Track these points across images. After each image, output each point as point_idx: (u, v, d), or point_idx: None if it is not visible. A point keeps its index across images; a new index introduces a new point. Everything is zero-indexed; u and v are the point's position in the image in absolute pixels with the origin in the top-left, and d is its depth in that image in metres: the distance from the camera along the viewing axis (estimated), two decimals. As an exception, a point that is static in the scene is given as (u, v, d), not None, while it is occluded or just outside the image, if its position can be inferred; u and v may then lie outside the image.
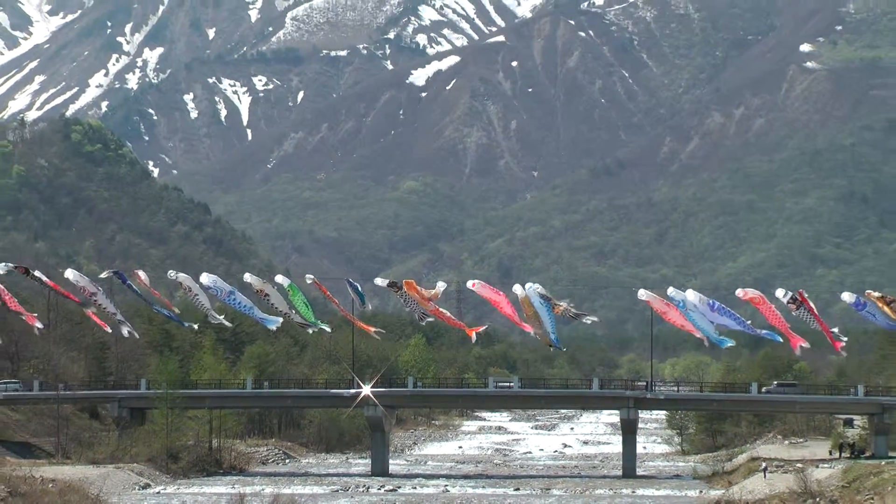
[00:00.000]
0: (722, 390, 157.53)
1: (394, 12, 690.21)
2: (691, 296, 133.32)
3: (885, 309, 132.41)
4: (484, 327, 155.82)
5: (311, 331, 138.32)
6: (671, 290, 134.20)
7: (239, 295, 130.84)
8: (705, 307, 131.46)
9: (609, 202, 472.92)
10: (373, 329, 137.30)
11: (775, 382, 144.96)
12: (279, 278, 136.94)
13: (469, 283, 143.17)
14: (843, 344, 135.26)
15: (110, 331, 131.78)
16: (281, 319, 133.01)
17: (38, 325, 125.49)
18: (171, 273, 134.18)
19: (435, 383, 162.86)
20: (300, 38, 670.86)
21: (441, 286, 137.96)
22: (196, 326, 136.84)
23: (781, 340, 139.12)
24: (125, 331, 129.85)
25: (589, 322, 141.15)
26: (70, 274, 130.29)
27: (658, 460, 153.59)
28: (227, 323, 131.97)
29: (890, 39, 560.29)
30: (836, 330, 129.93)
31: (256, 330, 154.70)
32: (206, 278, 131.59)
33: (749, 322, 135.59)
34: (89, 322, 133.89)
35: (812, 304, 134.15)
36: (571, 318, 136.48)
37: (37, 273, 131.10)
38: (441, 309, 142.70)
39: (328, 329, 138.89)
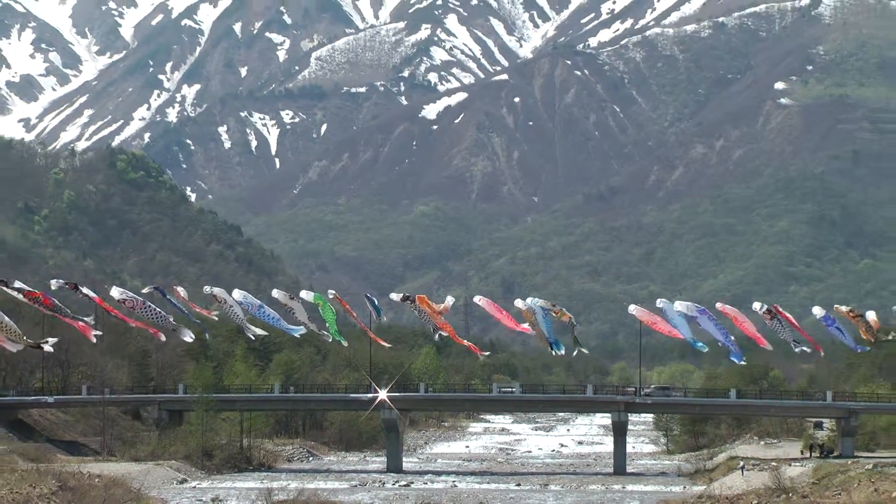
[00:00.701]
0: (703, 396, 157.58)
1: (408, 53, 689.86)
2: (679, 306, 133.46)
3: (853, 321, 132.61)
4: (486, 353, 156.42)
5: (329, 339, 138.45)
6: (660, 302, 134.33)
7: (267, 308, 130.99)
8: (693, 313, 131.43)
9: (602, 225, 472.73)
10: (382, 341, 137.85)
11: (653, 385, 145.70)
12: (304, 293, 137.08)
13: (476, 298, 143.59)
14: (821, 349, 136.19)
15: (164, 339, 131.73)
16: (303, 329, 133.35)
17: (96, 332, 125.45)
18: (207, 288, 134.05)
19: (444, 389, 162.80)
20: (323, 76, 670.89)
21: (450, 300, 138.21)
22: (204, 336, 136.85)
23: (744, 362, 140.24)
24: (187, 336, 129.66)
25: (587, 353, 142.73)
26: (114, 291, 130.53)
27: (646, 459, 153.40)
28: (262, 332, 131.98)
29: (855, 78, 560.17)
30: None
31: (283, 340, 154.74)
32: (238, 294, 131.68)
33: (732, 339, 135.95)
34: (132, 333, 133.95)
35: (790, 317, 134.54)
36: (559, 315, 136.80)
37: (84, 289, 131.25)
38: (449, 325, 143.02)
39: (345, 343, 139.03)
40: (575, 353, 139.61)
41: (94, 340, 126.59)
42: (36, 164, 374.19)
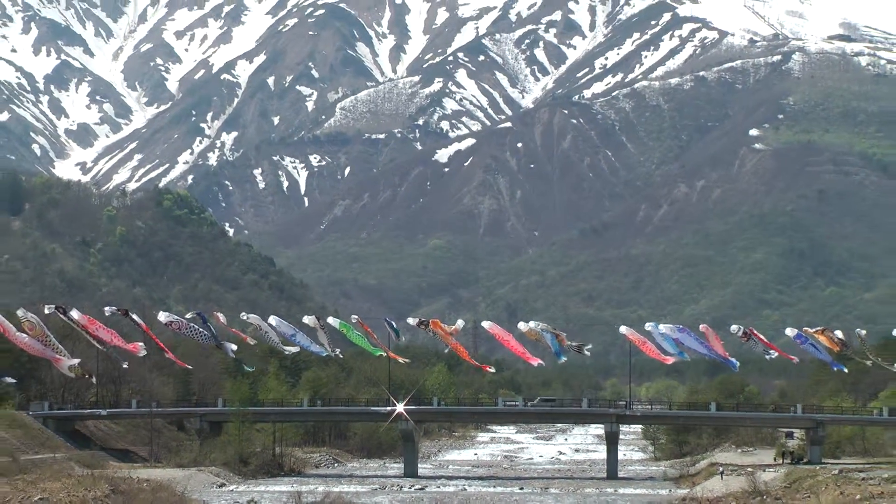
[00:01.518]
0: (686, 408, 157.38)
1: (422, 103, 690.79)
2: (664, 329, 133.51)
3: (822, 338, 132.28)
4: (492, 369, 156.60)
5: (377, 355, 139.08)
6: (648, 325, 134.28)
7: (299, 335, 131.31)
8: (677, 333, 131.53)
9: (595, 256, 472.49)
10: (401, 358, 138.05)
11: (539, 398, 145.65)
12: (331, 320, 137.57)
13: (484, 324, 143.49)
14: (797, 359, 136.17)
15: (190, 367, 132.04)
16: (337, 350, 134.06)
17: (143, 351, 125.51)
18: (244, 315, 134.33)
19: (455, 402, 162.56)
20: (347, 124, 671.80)
21: (460, 324, 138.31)
22: (252, 369, 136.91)
23: (737, 370, 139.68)
24: (229, 351, 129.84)
25: (587, 353, 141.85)
26: (161, 315, 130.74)
27: (635, 465, 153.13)
28: (295, 349, 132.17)
29: (821, 126, 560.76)
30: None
31: (311, 359, 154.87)
32: (273, 320, 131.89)
33: (713, 354, 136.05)
34: (176, 352, 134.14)
35: (763, 338, 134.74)
36: (575, 350, 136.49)
37: (133, 315, 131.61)
38: (460, 345, 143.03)
39: (382, 354, 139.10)
40: (588, 352, 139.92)
41: (143, 351, 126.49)
42: (91, 203, 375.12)
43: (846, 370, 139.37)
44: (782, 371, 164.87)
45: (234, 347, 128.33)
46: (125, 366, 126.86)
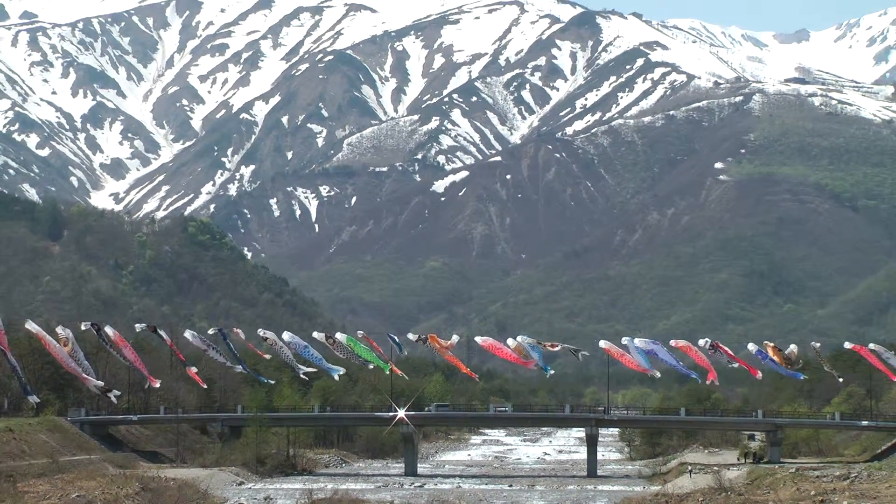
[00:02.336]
0: (659, 413, 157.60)
1: (421, 140, 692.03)
2: (639, 343, 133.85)
3: (777, 357, 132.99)
4: (477, 377, 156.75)
5: (371, 366, 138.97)
6: (625, 339, 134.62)
7: (311, 349, 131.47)
8: (651, 347, 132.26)
9: (577, 277, 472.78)
10: (399, 371, 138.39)
11: (435, 404, 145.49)
12: (339, 335, 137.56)
13: (477, 339, 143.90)
14: (760, 374, 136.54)
15: (205, 387, 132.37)
16: (343, 370, 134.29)
17: (158, 384, 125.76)
18: (261, 331, 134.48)
19: (451, 408, 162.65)
20: (353, 158, 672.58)
21: (455, 338, 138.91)
22: (272, 381, 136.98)
23: (700, 380, 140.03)
24: (238, 368, 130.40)
25: (581, 358, 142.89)
26: (188, 334, 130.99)
27: (613, 464, 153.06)
28: (311, 370, 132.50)
29: (779, 160, 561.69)
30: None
31: (321, 370, 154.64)
32: (286, 335, 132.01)
33: (681, 363, 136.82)
34: (200, 363, 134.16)
35: (728, 350, 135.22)
36: (572, 353, 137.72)
37: (161, 332, 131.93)
38: (456, 357, 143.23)
39: (389, 370, 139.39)
40: (581, 357, 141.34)
41: (157, 385, 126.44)
42: (123, 230, 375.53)
43: (802, 377, 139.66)
44: (745, 380, 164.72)
45: (242, 368, 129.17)
46: (157, 385, 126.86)
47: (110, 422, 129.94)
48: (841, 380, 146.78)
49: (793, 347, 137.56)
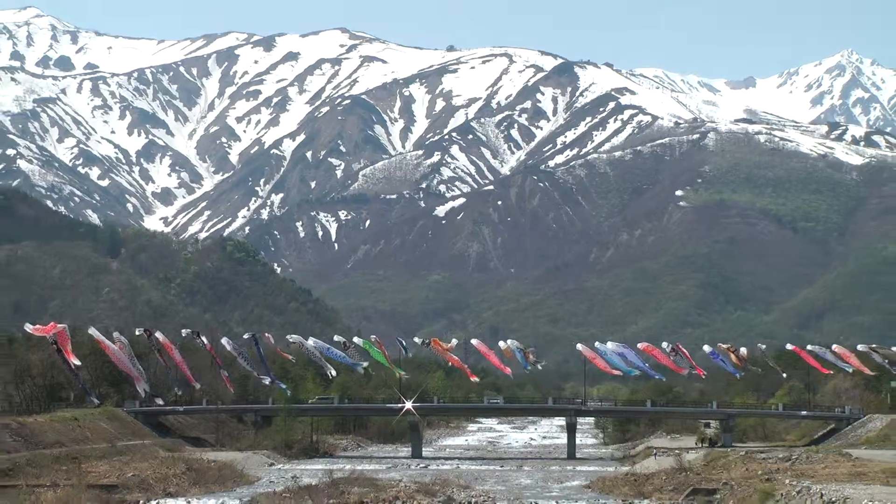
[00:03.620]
0: (628, 405, 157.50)
1: (425, 171, 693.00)
2: (611, 346, 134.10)
3: (732, 357, 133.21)
4: (476, 378, 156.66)
5: (398, 374, 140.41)
6: (598, 344, 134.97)
7: (334, 349, 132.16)
8: (621, 350, 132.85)
9: (558, 288, 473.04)
10: (402, 373, 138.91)
11: (318, 397, 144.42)
12: (356, 339, 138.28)
13: (473, 341, 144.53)
14: (705, 372, 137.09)
15: (232, 391, 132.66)
16: (366, 363, 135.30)
17: (196, 385, 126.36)
18: (289, 336, 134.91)
19: (450, 401, 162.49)
20: (367, 187, 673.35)
21: (454, 341, 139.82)
22: (286, 387, 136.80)
23: (665, 379, 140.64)
24: (266, 380, 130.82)
25: (540, 367, 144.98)
26: (224, 341, 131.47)
27: (589, 448, 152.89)
28: (334, 371, 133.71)
29: (730, 188, 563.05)
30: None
31: (339, 367, 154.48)
32: (311, 341, 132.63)
33: (647, 364, 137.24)
34: (235, 365, 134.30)
35: (686, 352, 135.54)
36: (535, 361, 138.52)
37: (202, 337, 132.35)
38: (455, 357, 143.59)
39: (400, 373, 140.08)
40: (541, 367, 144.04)
41: (198, 386, 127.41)
42: (171, 248, 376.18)
43: (738, 376, 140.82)
44: (697, 376, 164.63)
45: (270, 379, 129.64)
46: (197, 386, 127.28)
47: (160, 412, 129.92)
48: (784, 375, 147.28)
49: (743, 350, 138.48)
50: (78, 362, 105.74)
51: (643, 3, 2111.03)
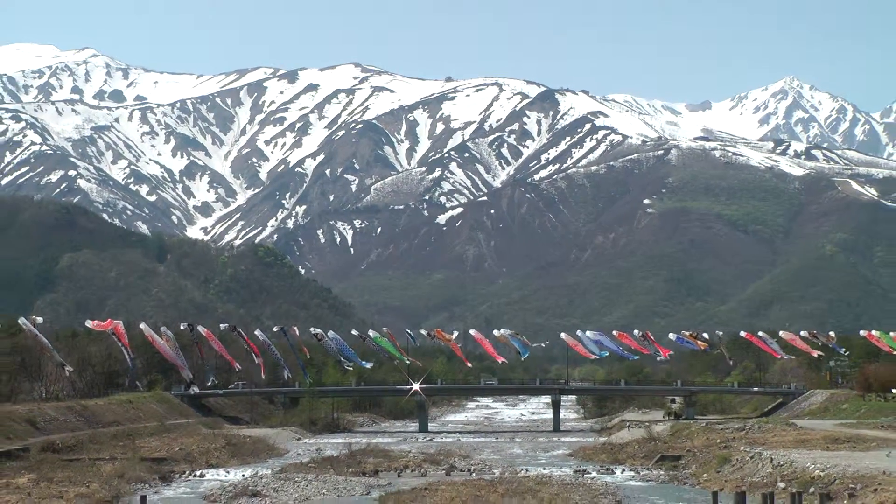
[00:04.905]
0: (605, 384, 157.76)
1: (428, 185, 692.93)
2: (589, 334, 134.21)
3: (696, 341, 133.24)
4: (470, 364, 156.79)
5: (396, 362, 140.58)
6: (579, 332, 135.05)
7: (346, 347, 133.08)
8: (598, 337, 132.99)
9: (543, 284, 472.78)
10: (405, 360, 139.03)
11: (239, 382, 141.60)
12: (371, 332, 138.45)
13: (471, 331, 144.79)
14: (671, 353, 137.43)
15: (263, 376, 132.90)
16: (372, 363, 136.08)
17: (238, 367, 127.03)
18: (312, 329, 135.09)
19: (452, 382, 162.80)
20: (379, 199, 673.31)
21: (455, 333, 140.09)
22: (303, 385, 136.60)
23: (637, 358, 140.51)
24: (286, 375, 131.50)
25: (543, 346, 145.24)
26: (257, 332, 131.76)
27: (572, 422, 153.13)
28: (347, 363, 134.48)
29: (691, 197, 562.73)
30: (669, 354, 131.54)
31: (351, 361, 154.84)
32: (331, 333, 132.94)
33: (622, 349, 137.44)
34: (266, 354, 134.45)
35: (653, 338, 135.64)
36: (526, 343, 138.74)
37: (238, 329, 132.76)
38: (456, 345, 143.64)
39: (407, 361, 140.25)
40: (543, 345, 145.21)
41: (238, 368, 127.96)
42: (210, 254, 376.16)
43: (708, 351, 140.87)
44: (662, 359, 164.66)
45: (287, 374, 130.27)
46: (237, 367, 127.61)
47: (203, 395, 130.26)
48: (731, 362, 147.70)
49: (704, 336, 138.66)
50: (131, 355, 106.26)
51: (615, 36, 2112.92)
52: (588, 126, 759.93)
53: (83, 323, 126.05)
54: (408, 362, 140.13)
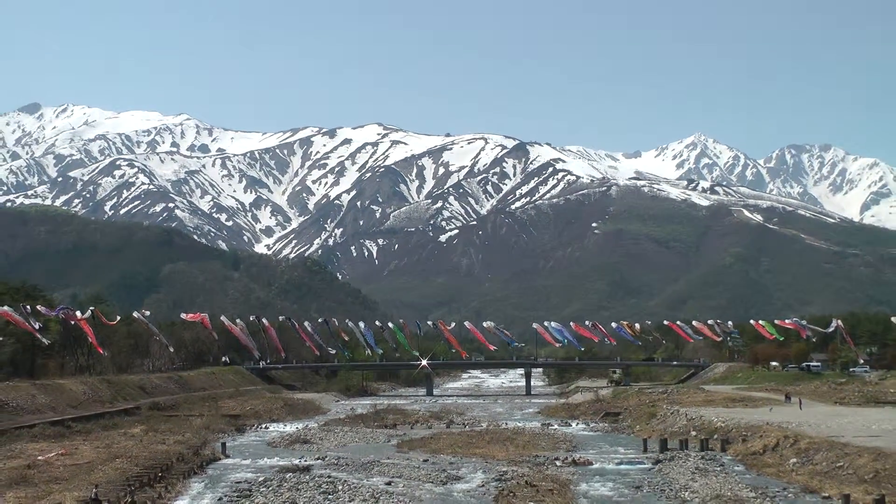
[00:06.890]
0: (564, 360, 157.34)
1: (433, 213, 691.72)
2: (553, 324, 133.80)
3: (630, 330, 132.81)
4: (466, 355, 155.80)
5: (415, 352, 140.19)
6: (546, 322, 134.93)
7: (369, 335, 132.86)
8: (560, 327, 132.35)
9: (518, 287, 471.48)
10: (416, 352, 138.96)
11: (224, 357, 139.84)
12: (390, 324, 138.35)
13: (465, 323, 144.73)
14: (615, 341, 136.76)
15: (318, 353, 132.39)
16: (381, 351, 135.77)
17: (283, 354, 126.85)
18: (347, 320, 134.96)
19: (450, 359, 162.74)
20: (396, 224, 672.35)
21: (453, 324, 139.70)
22: (347, 353, 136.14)
23: (583, 349, 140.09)
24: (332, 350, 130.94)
25: (521, 346, 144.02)
26: (306, 324, 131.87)
27: (539, 388, 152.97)
28: (372, 351, 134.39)
29: (626, 221, 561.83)
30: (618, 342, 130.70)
31: (379, 340, 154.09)
32: (361, 324, 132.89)
33: (574, 338, 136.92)
34: (312, 339, 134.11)
35: (601, 327, 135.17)
36: (508, 335, 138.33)
37: (292, 320, 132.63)
38: (452, 336, 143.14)
39: (411, 350, 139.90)
40: (515, 345, 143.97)
41: (283, 355, 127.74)
42: (272, 264, 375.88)
43: (639, 343, 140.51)
44: (607, 343, 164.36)
45: (333, 351, 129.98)
46: (283, 355, 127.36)
47: (267, 369, 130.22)
48: (665, 341, 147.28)
49: (636, 325, 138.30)
50: (216, 337, 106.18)
51: (572, 102, 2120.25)
52: (551, 169, 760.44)
53: (179, 315, 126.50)
54: (413, 351, 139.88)
